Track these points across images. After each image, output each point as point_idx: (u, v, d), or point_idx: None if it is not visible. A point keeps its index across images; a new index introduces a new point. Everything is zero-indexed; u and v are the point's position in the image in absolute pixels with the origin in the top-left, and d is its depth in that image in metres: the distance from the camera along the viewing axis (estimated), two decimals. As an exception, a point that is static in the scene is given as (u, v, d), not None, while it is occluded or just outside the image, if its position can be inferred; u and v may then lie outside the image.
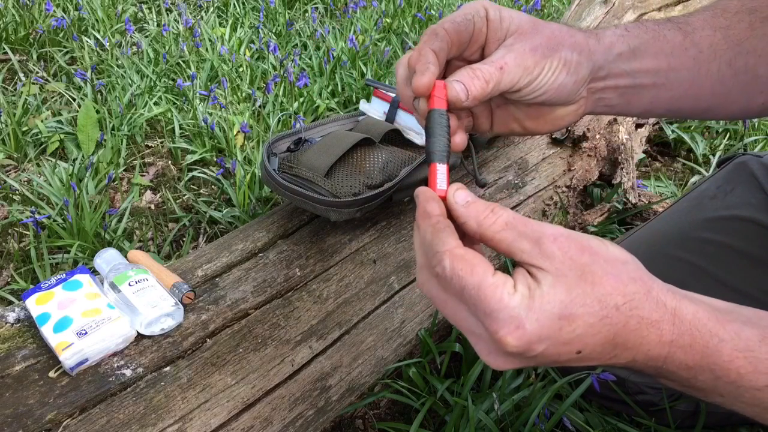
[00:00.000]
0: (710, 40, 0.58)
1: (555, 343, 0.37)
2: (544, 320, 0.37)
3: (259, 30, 2.19)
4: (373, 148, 0.96)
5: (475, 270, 0.38)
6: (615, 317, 0.38)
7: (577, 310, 0.37)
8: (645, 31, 0.57)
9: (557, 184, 1.25)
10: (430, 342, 0.90)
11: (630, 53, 0.55)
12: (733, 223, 0.80)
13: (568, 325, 0.37)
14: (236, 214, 1.34)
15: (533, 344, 0.37)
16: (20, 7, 2.06)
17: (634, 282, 0.39)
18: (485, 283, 0.37)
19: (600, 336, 0.38)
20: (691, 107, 0.61)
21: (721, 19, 0.59)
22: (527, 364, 0.40)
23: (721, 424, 0.88)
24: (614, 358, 0.39)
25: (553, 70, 0.50)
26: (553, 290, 0.37)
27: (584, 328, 0.37)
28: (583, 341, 0.38)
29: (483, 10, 0.50)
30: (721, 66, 0.58)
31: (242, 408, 0.71)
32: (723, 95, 0.60)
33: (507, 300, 0.37)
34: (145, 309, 0.71)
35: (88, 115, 1.52)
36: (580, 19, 1.58)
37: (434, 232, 0.41)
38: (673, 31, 0.57)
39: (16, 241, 1.26)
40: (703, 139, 1.77)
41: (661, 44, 0.57)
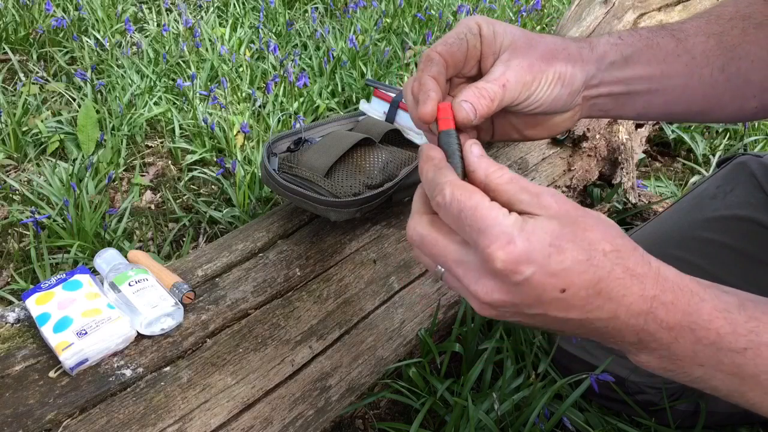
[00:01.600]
0: (703, 46, 0.59)
1: (542, 271, 0.38)
2: (534, 242, 0.38)
3: (259, 30, 2.19)
4: (373, 148, 0.96)
5: (473, 195, 0.40)
6: (602, 262, 0.39)
7: (567, 244, 0.38)
8: (638, 39, 0.58)
9: (557, 184, 1.25)
10: (430, 342, 0.90)
11: (623, 62, 0.56)
12: (733, 223, 0.80)
13: (557, 254, 0.38)
14: (236, 214, 1.34)
15: (521, 264, 0.38)
16: (20, 7, 2.06)
17: (621, 237, 0.40)
18: (482, 205, 0.39)
19: (585, 276, 0.38)
20: (683, 111, 0.62)
21: (715, 25, 0.59)
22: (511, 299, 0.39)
23: (721, 424, 0.89)
24: (597, 309, 0.40)
25: (548, 83, 0.52)
26: (547, 222, 0.39)
27: (572, 263, 0.38)
28: (569, 278, 0.38)
29: (476, 27, 0.52)
30: (714, 71, 0.59)
31: (242, 408, 0.71)
32: (715, 99, 0.61)
33: (501, 218, 0.38)
34: (145, 309, 0.71)
35: (88, 115, 1.52)
36: (580, 19, 1.58)
37: (436, 169, 0.43)
38: (666, 39, 0.58)
39: (16, 241, 1.26)
40: (703, 139, 1.77)
41: (653, 52, 0.58)
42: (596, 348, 0.87)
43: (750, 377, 0.41)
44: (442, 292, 0.97)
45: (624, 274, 0.39)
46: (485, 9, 2.52)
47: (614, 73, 0.56)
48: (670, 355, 0.42)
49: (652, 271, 0.40)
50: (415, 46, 2.15)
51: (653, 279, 0.40)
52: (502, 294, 0.40)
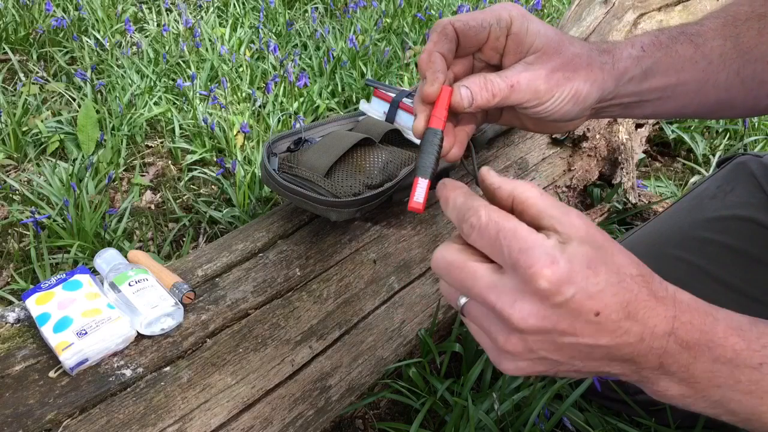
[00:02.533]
0: (720, 50, 0.59)
1: (582, 292, 0.38)
2: (575, 263, 0.38)
3: (259, 30, 2.19)
4: (373, 148, 0.96)
5: (509, 217, 0.40)
6: (630, 284, 0.40)
7: (601, 267, 0.39)
8: (658, 47, 0.57)
9: (557, 184, 1.25)
10: (430, 342, 0.90)
11: (642, 75, 0.56)
12: (733, 223, 0.80)
13: (594, 275, 0.38)
14: (236, 214, 1.34)
15: (564, 285, 0.38)
16: (20, 7, 2.06)
17: (642, 264, 0.41)
18: (521, 227, 0.39)
19: (617, 299, 0.39)
20: (693, 112, 0.62)
21: (732, 27, 0.59)
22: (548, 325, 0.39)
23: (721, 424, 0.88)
24: (625, 334, 0.40)
25: (562, 99, 0.52)
26: (581, 246, 0.39)
27: (606, 284, 0.39)
28: (604, 299, 0.39)
29: (506, 20, 0.50)
30: (729, 75, 0.59)
31: (242, 408, 0.71)
32: (727, 100, 0.61)
33: (542, 240, 0.39)
34: (145, 309, 0.71)
35: (88, 115, 1.52)
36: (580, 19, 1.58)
37: (467, 195, 0.43)
38: (685, 45, 0.58)
39: (16, 241, 1.26)
40: (703, 139, 1.77)
41: (672, 61, 0.58)
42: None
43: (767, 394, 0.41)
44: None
45: (649, 296, 0.40)
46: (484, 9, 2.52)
47: (630, 88, 0.57)
48: (689, 378, 0.42)
49: (670, 295, 0.41)
50: (415, 46, 2.15)
51: (671, 301, 0.41)
52: (538, 319, 0.39)
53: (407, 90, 1.04)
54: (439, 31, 0.50)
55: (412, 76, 1.95)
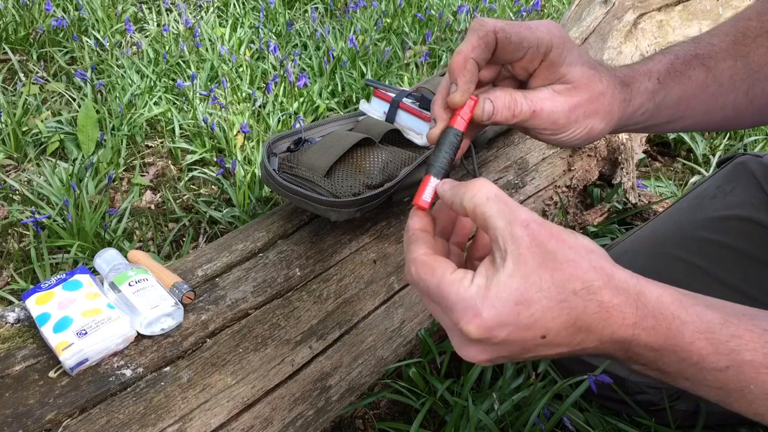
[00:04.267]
0: (731, 71, 0.59)
1: (516, 328, 0.39)
2: (500, 307, 0.39)
3: (259, 30, 2.19)
4: (373, 148, 0.96)
5: (435, 272, 0.42)
6: (573, 302, 0.39)
7: (533, 295, 0.39)
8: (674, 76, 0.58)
9: (557, 184, 1.25)
10: (430, 342, 0.90)
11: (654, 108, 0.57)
12: (733, 223, 0.80)
13: (525, 309, 0.39)
14: (236, 214, 1.34)
15: (493, 330, 0.39)
16: (20, 7, 2.06)
17: (594, 270, 0.40)
18: (444, 281, 0.41)
19: (560, 320, 0.39)
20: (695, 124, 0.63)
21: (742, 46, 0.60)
22: (499, 354, 0.41)
23: (721, 424, 0.89)
24: (582, 343, 0.41)
25: (576, 133, 0.53)
26: (510, 280, 0.39)
27: (542, 312, 0.39)
28: (544, 325, 0.39)
29: (546, 46, 0.50)
30: (738, 96, 0.60)
31: (242, 408, 0.71)
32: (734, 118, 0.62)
33: (463, 292, 0.40)
34: (145, 309, 0.71)
35: (88, 115, 1.52)
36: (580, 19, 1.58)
37: (408, 243, 0.46)
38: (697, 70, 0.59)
39: (16, 241, 1.26)
40: (703, 139, 1.77)
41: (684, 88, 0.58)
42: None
43: (734, 391, 0.42)
44: (442, 292, 0.97)
45: (599, 308, 0.40)
46: (485, 9, 2.52)
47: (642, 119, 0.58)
48: (657, 369, 0.43)
49: (631, 298, 0.41)
50: (415, 46, 2.15)
51: (632, 306, 0.41)
52: (487, 354, 0.41)
53: (407, 90, 1.04)
54: (481, 35, 0.48)
55: (412, 76, 1.95)
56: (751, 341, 0.41)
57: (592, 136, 0.54)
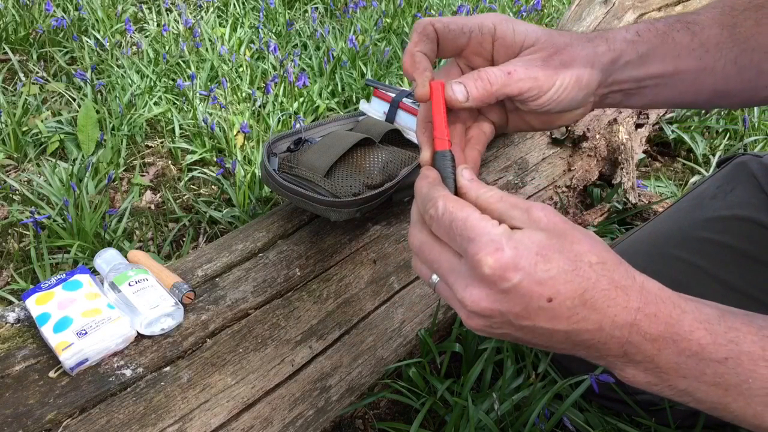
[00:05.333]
0: (717, 38, 0.58)
1: (529, 278, 0.39)
2: (522, 250, 0.39)
3: (259, 30, 2.19)
4: (373, 148, 0.96)
5: (464, 208, 0.42)
6: (587, 272, 0.40)
7: (554, 254, 0.39)
8: (655, 34, 0.57)
9: (557, 184, 1.25)
10: (430, 342, 0.90)
11: (638, 60, 0.56)
12: (733, 223, 0.80)
13: (543, 263, 0.39)
14: (236, 214, 1.34)
15: (509, 271, 0.39)
16: (20, 7, 2.06)
17: (607, 251, 0.42)
18: (472, 216, 0.41)
19: (571, 286, 0.39)
20: (690, 101, 0.62)
21: (729, 17, 0.59)
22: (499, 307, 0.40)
23: (721, 424, 0.89)
24: (582, 320, 0.40)
25: (565, 86, 0.52)
26: (534, 234, 0.40)
27: (558, 272, 0.39)
28: (555, 286, 0.39)
29: (489, 26, 0.51)
30: (727, 64, 0.59)
31: (242, 408, 0.71)
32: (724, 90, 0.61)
33: (490, 228, 0.40)
34: (145, 309, 0.71)
35: (88, 115, 1.52)
36: (580, 19, 1.58)
37: (431, 185, 0.46)
38: (681, 33, 0.58)
39: (16, 241, 1.26)
40: (703, 139, 1.77)
41: (669, 48, 0.57)
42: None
43: (732, 387, 0.41)
44: (442, 292, 0.97)
45: (609, 285, 0.40)
46: (485, 9, 2.52)
47: (628, 72, 0.57)
48: (655, 368, 0.42)
49: (636, 285, 0.41)
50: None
51: (637, 292, 0.41)
52: (489, 302, 0.40)
53: (407, 90, 1.04)
54: (419, 30, 0.50)
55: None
56: (749, 333, 0.41)
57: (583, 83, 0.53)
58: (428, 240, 0.44)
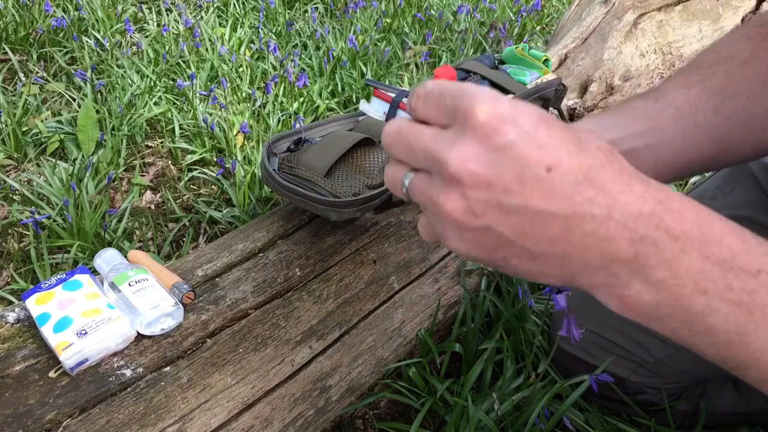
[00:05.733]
0: (686, 96, 0.56)
1: (528, 138, 0.32)
2: (523, 109, 0.33)
3: (259, 30, 2.19)
4: (373, 148, 0.96)
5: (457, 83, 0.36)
6: (595, 152, 0.33)
7: (557, 125, 0.34)
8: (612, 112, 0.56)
9: (557, 184, 1.25)
10: (430, 342, 0.90)
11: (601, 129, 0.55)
12: (733, 223, 0.80)
13: (545, 127, 0.33)
14: (236, 214, 1.34)
15: (506, 123, 0.32)
16: (20, 7, 2.06)
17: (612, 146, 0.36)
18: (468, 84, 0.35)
19: (575, 159, 0.33)
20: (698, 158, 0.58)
21: (695, 76, 0.57)
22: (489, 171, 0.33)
23: (721, 423, 0.89)
24: (587, 202, 0.32)
25: None
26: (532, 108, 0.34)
27: (561, 140, 0.33)
28: (556, 153, 0.32)
29: None
30: (708, 114, 0.56)
31: (242, 408, 0.71)
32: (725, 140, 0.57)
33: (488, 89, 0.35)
34: (145, 309, 0.71)
35: (88, 115, 1.52)
36: (580, 19, 1.59)
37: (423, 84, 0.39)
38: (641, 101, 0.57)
39: (16, 241, 1.26)
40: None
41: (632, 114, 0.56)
42: (596, 348, 0.87)
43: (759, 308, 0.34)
44: (442, 292, 0.97)
45: (620, 169, 0.34)
46: (485, 9, 2.52)
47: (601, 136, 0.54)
48: (670, 279, 0.34)
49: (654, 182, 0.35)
50: (415, 46, 2.15)
51: (656, 186, 0.34)
52: (477, 163, 0.33)
53: (407, 90, 1.04)
54: None
55: (412, 76, 1.95)
56: None
57: None
58: (408, 124, 0.38)
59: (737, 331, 0.35)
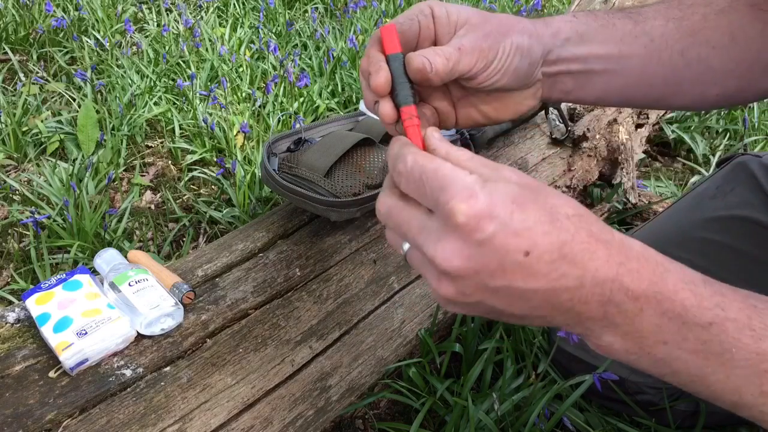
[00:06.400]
0: (662, 29, 0.58)
1: (505, 228, 0.36)
2: (497, 198, 0.36)
3: (259, 30, 2.19)
4: (373, 148, 0.96)
5: (434, 159, 0.40)
6: (565, 225, 0.37)
7: (529, 204, 0.37)
8: (594, 18, 0.58)
9: (557, 184, 1.25)
10: (430, 342, 0.90)
11: (578, 38, 0.56)
12: (733, 223, 0.80)
13: (519, 212, 0.36)
14: (236, 214, 1.34)
15: (484, 219, 0.36)
16: (20, 7, 2.06)
17: (582, 207, 0.40)
18: (444, 166, 0.39)
19: (549, 239, 0.37)
20: (643, 95, 0.61)
21: (675, 10, 0.59)
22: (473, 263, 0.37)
23: (721, 424, 0.89)
24: (562, 277, 0.37)
25: (507, 53, 0.52)
26: (507, 184, 0.38)
27: (534, 222, 0.37)
28: (532, 238, 0.36)
29: (428, 9, 0.52)
30: (673, 55, 0.58)
31: (242, 408, 0.71)
32: (675, 85, 0.60)
33: (462, 176, 0.38)
34: (145, 309, 0.71)
35: (88, 115, 1.52)
36: (580, 19, 1.58)
37: (401, 145, 0.43)
38: (623, 20, 0.58)
39: (16, 241, 1.26)
40: (703, 139, 1.77)
41: (610, 31, 0.57)
42: (596, 348, 0.87)
43: (714, 355, 0.39)
44: (442, 292, 0.97)
45: (589, 238, 0.38)
46: (485, 9, 2.52)
47: (571, 50, 0.56)
48: (634, 332, 0.39)
49: (617, 240, 0.39)
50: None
51: (618, 246, 0.39)
52: (462, 259, 0.37)
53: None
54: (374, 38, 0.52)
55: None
56: (735, 300, 0.40)
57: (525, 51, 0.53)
58: (397, 203, 0.42)
59: (697, 374, 0.40)
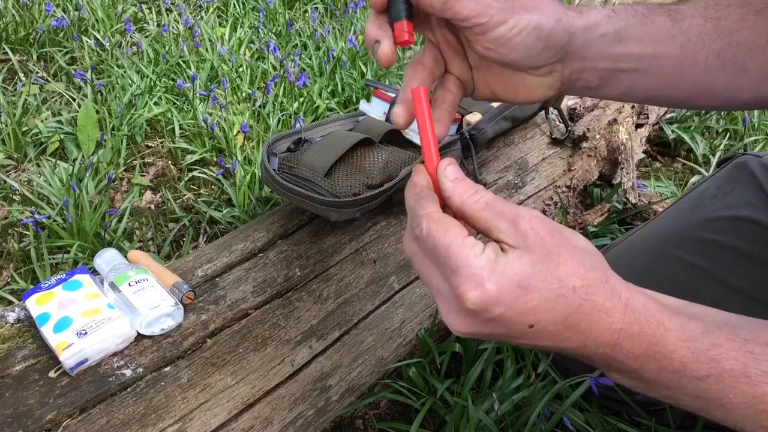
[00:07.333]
0: (700, 28, 0.57)
1: (511, 310, 0.39)
2: (503, 284, 0.39)
3: (259, 30, 2.19)
4: (373, 148, 0.96)
5: (448, 231, 0.41)
6: (571, 297, 0.40)
7: (537, 283, 0.39)
8: (633, 14, 0.56)
9: (557, 184, 1.25)
10: (430, 342, 0.90)
11: (615, 35, 0.54)
12: (733, 223, 0.80)
13: (525, 294, 0.39)
14: (236, 214, 1.34)
15: (490, 305, 0.39)
16: (20, 7, 2.06)
17: (594, 270, 0.41)
18: (455, 243, 0.40)
19: (554, 313, 0.40)
20: (670, 95, 0.60)
21: (713, 10, 0.58)
22: (483, 330, 0.42)
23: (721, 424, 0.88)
24: (565, 340, 0.41)
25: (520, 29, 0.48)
26: (518, 261, 0.40)
27: (540, 302, 0.39)
28: (537, 315, 0.40)
29: None
30: (709, 56, 0.57)
31: (242, 408, 0.71)
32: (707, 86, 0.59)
33: (473, 259, 0.40)
34: (145, 309, 0.71)
35: (88, 115, 1.52)
36: (580, 19, 1.58)
37: (417, 199, 0.44)
38: (662, 17, 0.57)
39: (16, 241, 1.26)
40: (703, 139, 1.77)
41: (648, 29, 0.56)
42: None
43: (713, 400, 0.42)
44: (442, 292, 0.97)
45: (592, 309, 0.41)
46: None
47: (604, 48, 0.54)
48: (638, 378, 0.44)
49: (621, 304, 0.41)
50: (414, 46, 2.15)
51: (621, 312, 0.41)
52: (472, 327, 0.41)
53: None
54: None
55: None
56: (731, 350, 0.42)
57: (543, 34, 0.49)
58: (419, 253, 0.44)
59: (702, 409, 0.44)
